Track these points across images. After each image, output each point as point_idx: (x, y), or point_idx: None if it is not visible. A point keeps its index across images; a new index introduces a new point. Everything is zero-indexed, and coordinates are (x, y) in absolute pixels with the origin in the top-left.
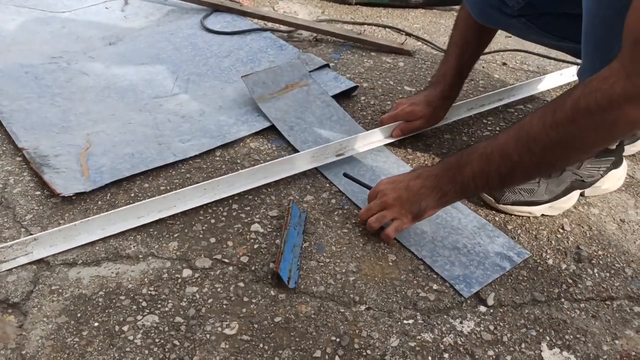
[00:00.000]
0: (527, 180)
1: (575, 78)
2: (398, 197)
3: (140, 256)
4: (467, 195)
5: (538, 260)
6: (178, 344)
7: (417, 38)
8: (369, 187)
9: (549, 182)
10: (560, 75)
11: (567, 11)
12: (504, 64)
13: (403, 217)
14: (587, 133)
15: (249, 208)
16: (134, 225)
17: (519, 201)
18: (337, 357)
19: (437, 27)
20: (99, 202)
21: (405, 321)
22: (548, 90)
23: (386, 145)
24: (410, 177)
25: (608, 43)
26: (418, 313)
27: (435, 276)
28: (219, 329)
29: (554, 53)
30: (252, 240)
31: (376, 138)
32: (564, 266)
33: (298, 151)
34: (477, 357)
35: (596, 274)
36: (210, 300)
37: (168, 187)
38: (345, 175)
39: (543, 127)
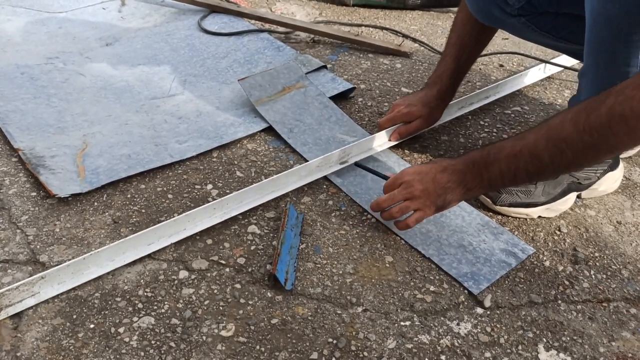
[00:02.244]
0: (554, 178)
1: (553, 72)
2: (425, 189)
3: (136, 257)
4: (493, 190)
5: (535, 262)
6: (174, 345)
7: (414, 40)
8: (384, 177)
9: (545, 184)
10: (539, 70)
11: (567, 11)
12: (501, 65)
13: (426, 209)
14: (621, 137)
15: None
16: (145, 253)
17: (516, 203)
18: (333, 359)
19: (434, 29)
20: (95, 203)
21: (402, 323)
22: (532, 85)
23: None
24: (436, 169)
25: (612, 43)
26: (415, 315)
27: (432, 278)
28: (216, 330)
29: (550, 55)
30: (249, 242)
31: (377, 143)
32: (560, 268)
33: (297, 153)
34: (474, 359)
35: (593, 276)
36: (206, 302)
37: (165, 188)
38: (357, 164)
39: (576, 131)
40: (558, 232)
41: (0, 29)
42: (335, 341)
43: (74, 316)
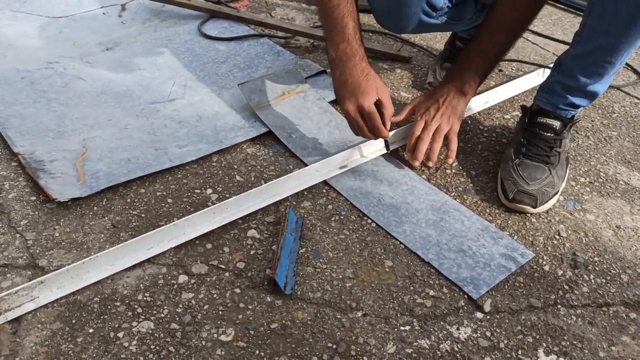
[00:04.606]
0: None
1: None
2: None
3: (136, 262)
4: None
5: (534, 267)
6: (173, 350)
7: (413, 45)
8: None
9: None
10: (537, 75)
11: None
12: (500, 70)
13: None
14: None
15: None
16: (144, 257)
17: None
18: None
19: (433, 34)
20: (95, 208)
21: (401, 327)
22: (530, 89)
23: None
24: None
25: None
26: (415, 319)
27: (432, 282)
28: (215, 335)
29: (548, 60)
30: (249, 246)
31: (376, 148)
32: (560, 272)
33: (297, 157)
34: None
35: (592, 280)
36: (206, 307)
37: (164, 193)
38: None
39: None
40: (557, 237)
41: (1, 34)
42: (334, 346)
43: (73, 321)
